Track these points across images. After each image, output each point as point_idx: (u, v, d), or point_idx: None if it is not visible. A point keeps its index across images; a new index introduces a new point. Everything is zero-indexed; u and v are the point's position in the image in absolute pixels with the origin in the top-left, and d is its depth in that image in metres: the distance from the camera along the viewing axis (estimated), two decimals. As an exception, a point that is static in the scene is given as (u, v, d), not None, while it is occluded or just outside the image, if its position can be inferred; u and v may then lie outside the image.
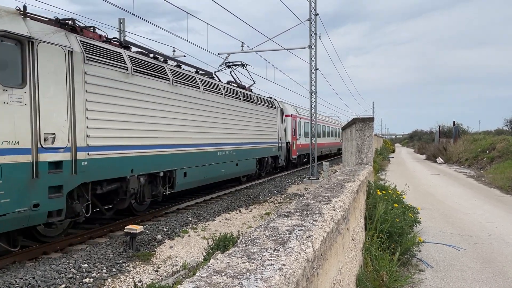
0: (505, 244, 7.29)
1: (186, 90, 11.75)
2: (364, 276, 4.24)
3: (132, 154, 9.23)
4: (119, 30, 20.50)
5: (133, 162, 9.28)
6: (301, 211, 2.76)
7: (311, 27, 20.20)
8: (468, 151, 29.63)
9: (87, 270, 6.75)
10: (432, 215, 9.98)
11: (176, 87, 11.20)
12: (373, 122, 9.52)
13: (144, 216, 10.71)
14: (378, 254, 4.91)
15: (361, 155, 9.16)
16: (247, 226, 10.30)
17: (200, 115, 12.54)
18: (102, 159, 8.25)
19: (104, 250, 7.67)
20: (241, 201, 13.82)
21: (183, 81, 11.70)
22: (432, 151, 38.35)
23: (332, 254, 2.50)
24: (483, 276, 5.66)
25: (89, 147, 7.88)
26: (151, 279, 6.50)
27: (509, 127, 42.28)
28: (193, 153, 12.14)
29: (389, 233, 5.80)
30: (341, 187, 4.20)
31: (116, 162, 8.68)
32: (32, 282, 6.02)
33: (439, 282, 5.42)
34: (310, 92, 20.68)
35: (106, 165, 8.40)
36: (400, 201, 7.48)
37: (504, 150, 23.74)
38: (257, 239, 1.99)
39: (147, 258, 7.57)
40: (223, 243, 6.83)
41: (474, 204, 11.73)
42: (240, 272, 1.49)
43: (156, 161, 10.23)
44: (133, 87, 9.38)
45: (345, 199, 3.47)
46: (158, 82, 10.38)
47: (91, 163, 7.90)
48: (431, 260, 6.35)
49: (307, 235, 2.04)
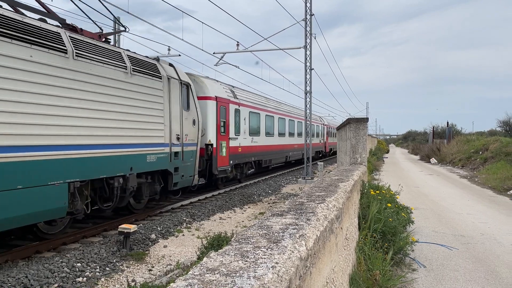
0: (497, 244, 7.35)
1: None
2: (357, 275, 4.26)
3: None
4: (114, 28, 20.42)
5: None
6: (295, 210, 2.77)
7: (307, 27, 20.23)
8: (462, 151, 29.83)
9: (80, 269, 6.72)
10: (425, 215, 10.03)
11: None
12: (368, 123, 9.56)
13: (138, 215, 10.68)
14: (371, 254, 4.94)
15: (355, 155, 9.19)
16: (241, 225, 10.30)
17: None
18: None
19: (98, 249, 7.64)
20: (235, 200, 13.81)
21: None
22: (426, 152, 38.56)
23: (326, 253, 2.51)
24: (476, 275, 5.70)
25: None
26: (145, 278, 6.48)
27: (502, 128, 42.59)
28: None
29: (383, 233, 5.83)
30: (335, 186, 4.22)
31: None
32: (25, 281, 5.98)
33: (432, 281, 5.45)
34: (305, 92, 20.71)
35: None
36: (393, 201, 7.52)
37: (497, 151, 23.93)
38: (251, 238, 2.00)
39: (141, 257, 7.55)
40: (217, 242, 6.83)
41: (467, 204, 11.81)
42: (233, 270, 1.49)
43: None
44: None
45: (338, 199, 3.49)
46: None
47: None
48: (424, 260, 6.39)
49: (301, 234, 2.05)
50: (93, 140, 8.19)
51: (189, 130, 12.15)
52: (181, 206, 12.47)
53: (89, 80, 8.13)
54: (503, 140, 26.36)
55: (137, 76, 9.63)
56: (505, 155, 22.00)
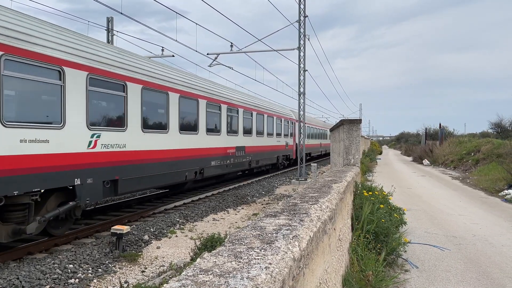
0: (488, 245, 7.41)
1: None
2: (350, 276, 4.27)
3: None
4: (107, 29, 20.33)
5: None
6: (289, 211, 2.78)
7: (300, 29, 20.28)
8: (454, 153, 30.05)
9: (72, 271, 6.68)
10: (417, 216, 10.09)
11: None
12: (361, 124, 9.60)
13: (131, 216, 10.63)
14: (364, 254, 4.95)
15: (348, 156, 9.23)
16: (234, 226, 10.29)
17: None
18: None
19: (90, 251, 7.59)
20: (229, 201, 13.79)
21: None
22: (418, 153, 38.79)
23: (319, 253, 2.51)
24: (467, 276, 5.74)
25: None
26: (138, 279, 6.45)
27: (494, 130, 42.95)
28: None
29: (376, 234, 5.86)
30: (328, 187, 4.23)
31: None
32: (16, 283, 5.93)
33: (424, 282, 5.49)
34: (299, 93, 20.75)
35: None
36: (386, 202, 7.56)
37: (488, 153, 24.14)
38: (244, 239, 2.00)
39: (134, 258, 7.51)
40: (211, 243, 6.82)
41: (459, 206, 11.90)
42: (226, 271, 1.49)
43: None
44: None
45: (332, 200, 3.50)
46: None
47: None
48: (417, 261, 6.43)
49: (294, 235, 2.05)
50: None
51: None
52: (174, 207, 12.43)
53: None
54: (495, 142, 26.59)
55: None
56: (496, 157, 22.19)
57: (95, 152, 8.64)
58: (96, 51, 8.86)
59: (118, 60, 9.55)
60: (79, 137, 8.22)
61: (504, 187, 15.02)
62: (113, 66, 9.24)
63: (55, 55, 7.61)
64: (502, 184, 15.61)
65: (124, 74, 9.62)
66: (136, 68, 10.15)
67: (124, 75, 9.62)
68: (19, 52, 6.87)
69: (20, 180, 6.85)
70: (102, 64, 8.86)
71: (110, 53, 9.44)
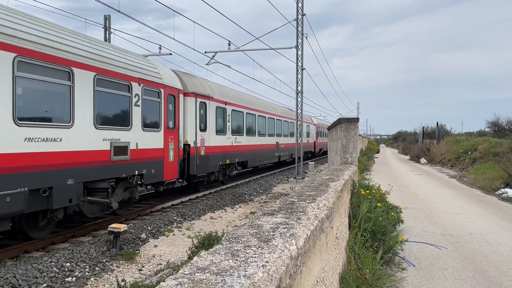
0: (485, 243, 7.44)
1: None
2: (348, 274, 4.28)
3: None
4: (104, 27, 20.28)
5: None
6: (286, 209, 2.78)
7: (298, 27, 20.27)
8: (451, 152, 30.13)
9: (69, 269, 6.66)
10: (415, 215, 10.11)
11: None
12: (358, 123, 9.61)
13: (128, 215, 10.61)
14: (361, 253, 4.96)
15: (346, 154, 9.24)
16: (232, 225, 10.29)
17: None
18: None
19: (87, 249, 7.58)
20: (226, 200, 13.80)
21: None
22: (415, 152, 38.89)
23: (316, 252, 2.52)
24: (464, 274, 5.76)
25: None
26: (135, 278, 6.45)
27: (491, 128, 43.08)
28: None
29: (373, 232, 5.86)
30: (326, 186, 4.23)
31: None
32: (13, 281, 5.91)
33: (421, 280, 5.50)
34: (297, 92, 20.75)
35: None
36: (383, 201, 7.56)
37: (485, 151, 24.22)
38: (241, 237, 2.00)
39: (131, 257, 7.50)
40: (208, 241, 6.82)
41: (456, 204, 11.94)
42: (223, 269, 1.49)
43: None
44: None
45: (329, 198, 3.50)
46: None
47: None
48: (414, 259, 6.45)
49: (291, 233, 2.06)
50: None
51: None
52: (172, 206, 12.42)
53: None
54: (492, 141, 26.68)
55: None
56: (493, 156, 22.27)
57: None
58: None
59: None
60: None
61: (500, 186, 15.08)
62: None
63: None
64: (499, 182, 15.67)
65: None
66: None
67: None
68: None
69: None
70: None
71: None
